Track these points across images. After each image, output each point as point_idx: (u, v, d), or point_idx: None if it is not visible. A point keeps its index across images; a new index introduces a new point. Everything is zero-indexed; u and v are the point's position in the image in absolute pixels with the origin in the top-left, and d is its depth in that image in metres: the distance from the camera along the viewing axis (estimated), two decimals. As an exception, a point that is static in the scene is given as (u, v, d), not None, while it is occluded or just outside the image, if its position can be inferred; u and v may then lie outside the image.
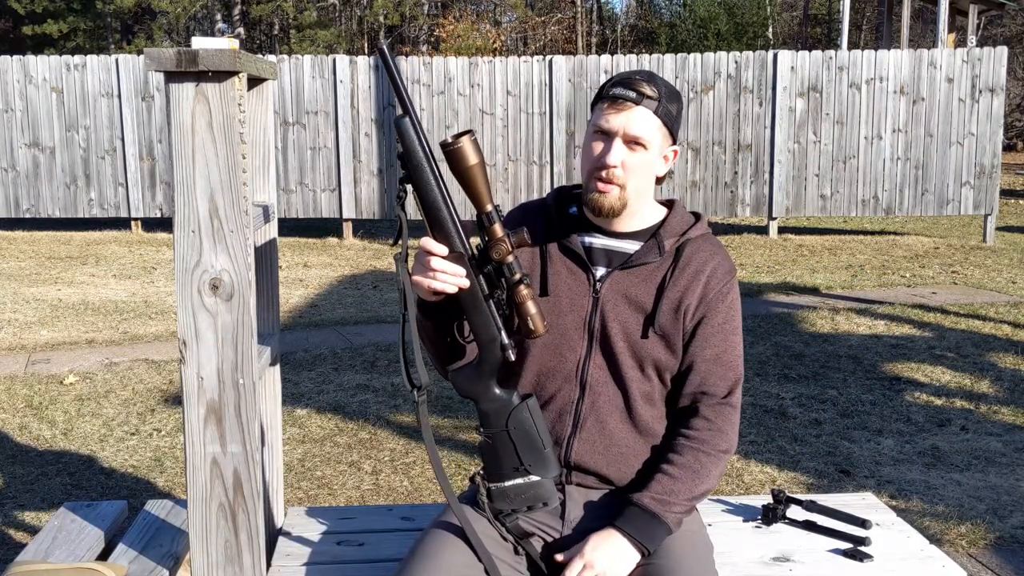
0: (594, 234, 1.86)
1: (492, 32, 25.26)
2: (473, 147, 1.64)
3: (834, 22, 30.03)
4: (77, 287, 8.28)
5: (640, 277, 1.83)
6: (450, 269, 1.68)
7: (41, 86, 11.11)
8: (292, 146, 11.01)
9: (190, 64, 1.74)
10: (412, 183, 1.68)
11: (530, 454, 1.75)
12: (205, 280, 1.83)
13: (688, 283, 1.82)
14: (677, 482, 1.76)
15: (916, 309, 6.98)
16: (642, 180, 1.80)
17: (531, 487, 1.76)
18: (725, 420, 1.81)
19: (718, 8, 23.21)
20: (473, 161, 1.64)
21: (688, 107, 10.92)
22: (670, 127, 1.80)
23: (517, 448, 1.74)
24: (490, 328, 1.72)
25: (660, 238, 1.84)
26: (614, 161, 1.76)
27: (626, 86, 1.76)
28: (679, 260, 1.83)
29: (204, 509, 1.90)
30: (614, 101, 1.76)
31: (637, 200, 1.82)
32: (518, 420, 1.74)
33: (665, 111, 1.77)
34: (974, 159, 10.86)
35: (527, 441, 1.75)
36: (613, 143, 1.76)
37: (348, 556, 2.09)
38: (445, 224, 1.71)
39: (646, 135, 1.76)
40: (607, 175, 1.77)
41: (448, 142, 1.63)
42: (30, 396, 4.98)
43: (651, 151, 1.78)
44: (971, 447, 4.20)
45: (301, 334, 6.41)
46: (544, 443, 1.75)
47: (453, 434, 4.37)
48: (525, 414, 1.75)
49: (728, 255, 1.89)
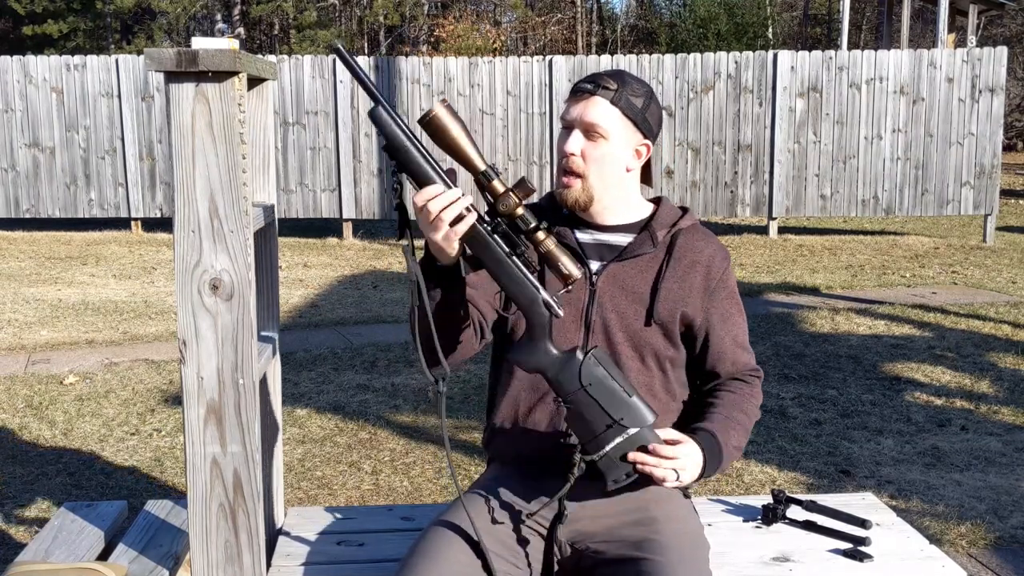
0: (585, 230, 1.90)
1: (492, 32, 25.26)
2: (448, 112, 1.62)
3: (834, 22, 30.03)
4: (77, 287, 8.28)
5: (636, 268, 1.86)
6: (449, 199, 1.62)
7: (41, 86, 11.11)
8: (292, 146, 11.01)
9: (190, 64, 1.74)
10: (403, 169, 1.65)
11: (617, 407, 1.66)
12: (205, 280, 1.83)
13: (685, 273, 1.86)
14: (731, 422, 1.83)
15: (916, 309, 6.98)
16: (607, 171, 1.82)
17: (633, 441, 1.66)
18: (757, 385, 1.94)
19: (718, 8, 23.19)
20: (452, 125, 1.61)
21: (688, 107, 10.93)
22: (634, 119, 1.81)
23: (602, 404, 1.66)
24: (526, 289, 1.67)
25: (652, 230, 1.87)
26: (572, 149, 1.81)
27: (587, 80, 1.82)
28: (673, 250, 1.87)
29: (204, 509, 1.90)
30: (574, 93, 1.82)
31: (606, 193, 1.84)
32: (591, 375, 1.66)
33: (626, 102, 1.79)
34: (974, 159, 10.87)
35: (608, 394, 1.66)
36: (572, 133, 1.81)
37: (348, 556, 2.09)
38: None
39: (603, 123, 1.79)
40: (567, 164, 1.82)
41: (424, 115, 1.61)
42: (30, 396, 4.98)
43: (612, 141, 1.80)
44: (971, 447, 4.20)
45: (301, 334, 6.41)
46: (627, 391, 1.67)
47: (453, 434, 4.37)
48: (596, 368, 1.67)
49: (719, 242, 1.93)
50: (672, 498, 1.87)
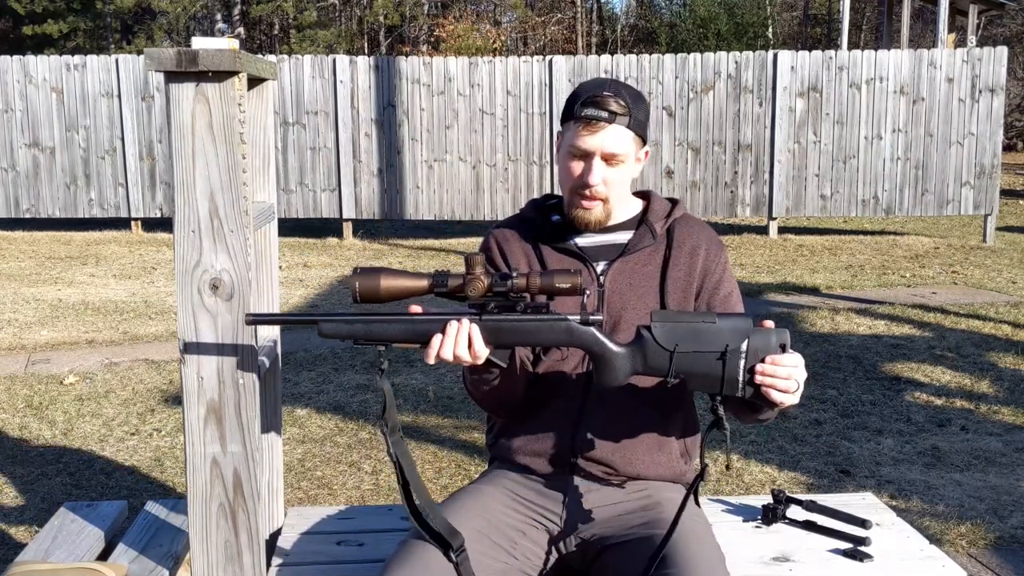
0: (584, 235, 1.92)
1: (492, 32, 25.26)
2: (366, 275, 1.64)
3: (834, 22, 30.02)
4: (77, 287, 8.28)
5: (641, 262, 1.90)
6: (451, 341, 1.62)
7: (41, 86, 11.11)
8: (292, 146, 11.01)
9: (190, 64, 1.74)
10: (388, 343, 1.66)
11: (714, 338, 1.61)
12: (205, 280, 1.83)
13: (688, 260, 1.90)
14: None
15: (916, 309, 6.98)
16: (622, 188, 1.89)
17: (754, 354, 1.60)
18: None
19: (718, 8, 23.20)
20: (376, 282, 1.63)
21: (688, 107, 10.93)
22: (641, 134, 1.86)
23: (701, 349, 1.61)
24: (557, 328, 1.64)
25: (649, 223, 1.92)
26: (596, 180, 1.82)
27: (597, 106, 1.78)
28: (672, 240, 1.92)
29: (204, 509, 1.90)
30: (588, 123, 1.79)
31: (619, 205, 1.91)
32: (669, 336, 1.62)
33: (636, 122, 1.83)
34: (974, 159, 10.86)
35: (697, 335, 1.61)
36: (592, 162, 1.82)
37: (348, 556, 2.09)
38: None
39: (622, 150, 1.82)
40: (590, 193, 1.84)
41: (352, 296, 1.64)
42: (30, 396, 4.98)
43: (628, 162, 1.85)
44: (971, 447, 4.20)
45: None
46: (707, 320, 1.63)
47: (453, 434, 4.37)
48: (665, 326, 1.62)
49: (711, 229, 1.99)
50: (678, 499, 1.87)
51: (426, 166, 11.06)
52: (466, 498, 1.85)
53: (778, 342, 1.62)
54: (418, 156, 11.04)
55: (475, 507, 1.81)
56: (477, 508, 1.81)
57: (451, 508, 1.80)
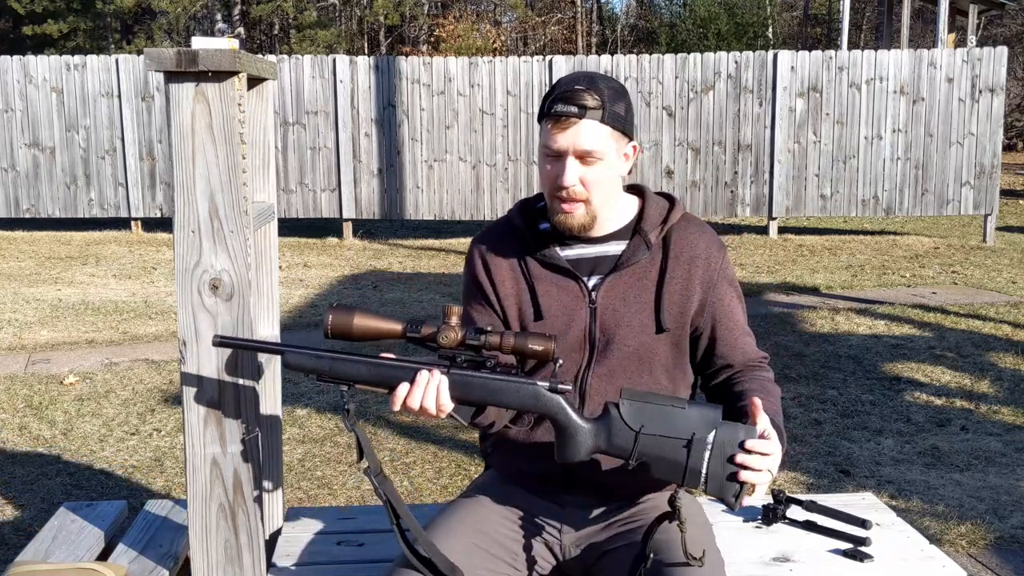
0: (573, 245, 1.82)
1: (492, 32, 25.27)
2: (341, 312, 1.62)
3: (834, 22, 30.02)
4: (77, 287, 8.28)
5: (635, 277, 1.80)
6: (419, 392, 1.59)
7: (41, 86, 11.11)
8: (292, 146, 11.01)
9: (190, 64, 1.74)
10: (355, 382, 1.65)
11: (682, 425, 1.57)
12: (205, 280, 1.83)
13: (686, 272, 1.80)
14: (778, 411, 1.80)
15: (916, 309, 6.98)
16: (607, 188, 1.76)
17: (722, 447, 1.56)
18: (771, 372, 1.92)
19: (718, 8, 23.20)
20: (350, 320, 1.62)
21: (688, 107, 10.93)
22: (622, 128, 1.74)
23: (666, 434, 1.57)
24: (524, 391, 1.61)
25: (643, 232, 1.81)
26: (571, 181, 1.71)
27: (567, 101, 1.69)
28: (669, 251, 1.81)
29: (204, 509, 1.90)
30: (558, 119, 1.69)
31: (606, 206, 1.79)
32: (636, 416, 1.58)
33: (612, 116, 1.71)
34: (974, 159, 10.86)
35: (665, 419, 1.57)
36: (566, 162, 1.71)
37: (348, 556, 2.09)
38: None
39: (598, 147, 1.71)
40: (567, 194, 1.73)
41: (324, 331, 1.62)
42: (30, 396, 4.98)
43: (607, 159, 1.73)
44: (971, 447, 4.20)
45: (301, 334, 6.40)
46: (677, 404, 1.59)
47: (453, 434, 4.37)
48: (634, 405, 1.58)
49: (712, 230, 1.88)
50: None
51: (426, 166, 11.06)
52: (463, 512, 1.82)
53: (745, 438, 1.57)
54: (418, 156, 11.05)
55: (472, 522, 1.79)
56: (474, 523, 1.79)
57: (448, 523, 1.79)
